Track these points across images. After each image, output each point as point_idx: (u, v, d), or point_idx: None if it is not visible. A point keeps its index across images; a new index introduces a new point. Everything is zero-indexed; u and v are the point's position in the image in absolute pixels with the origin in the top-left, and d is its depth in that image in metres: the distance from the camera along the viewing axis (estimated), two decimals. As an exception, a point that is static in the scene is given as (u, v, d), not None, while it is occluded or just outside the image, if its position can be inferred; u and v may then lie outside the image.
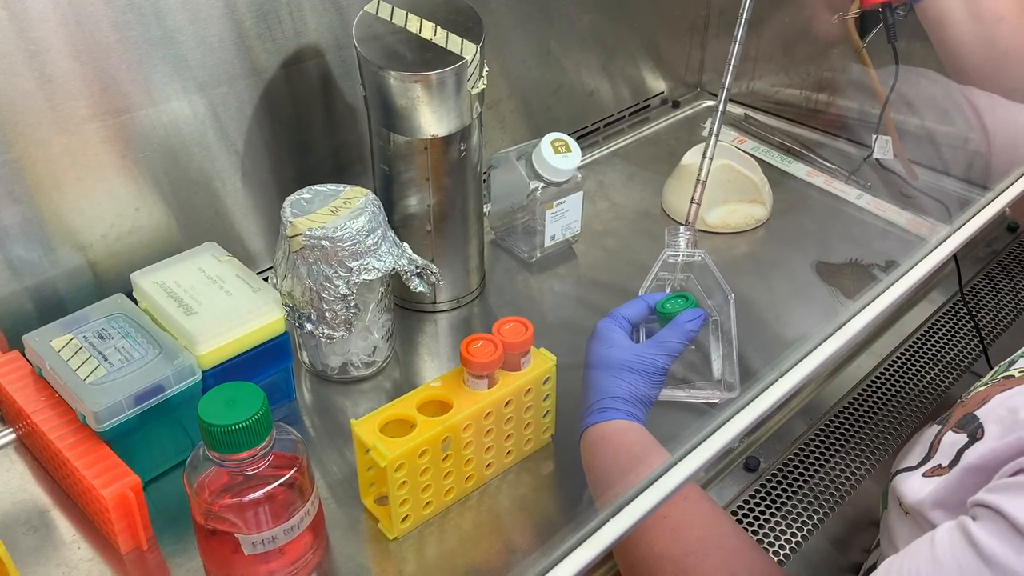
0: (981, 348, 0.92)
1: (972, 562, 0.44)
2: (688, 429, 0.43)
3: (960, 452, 0.54)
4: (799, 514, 0.75)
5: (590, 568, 0.37)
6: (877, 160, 1.01)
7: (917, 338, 0.94)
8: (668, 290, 0.81)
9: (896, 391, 0.88)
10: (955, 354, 0.93)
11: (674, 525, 0.59)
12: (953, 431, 0.56)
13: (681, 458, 0.41)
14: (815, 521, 0.75)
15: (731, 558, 0.58)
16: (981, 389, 0.59)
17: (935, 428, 0.60)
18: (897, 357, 0.91)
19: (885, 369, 0.90)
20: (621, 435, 0.65)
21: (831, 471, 0.79)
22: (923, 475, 0.56)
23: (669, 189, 1.08)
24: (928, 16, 0.82)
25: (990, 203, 0.56)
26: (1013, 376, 0.58)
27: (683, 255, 0.81)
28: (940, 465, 0.55)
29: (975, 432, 0.54)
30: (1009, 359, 0.62)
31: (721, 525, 0.60)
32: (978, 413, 0.55)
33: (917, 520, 0.54)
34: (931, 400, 0.87)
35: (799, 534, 0.74)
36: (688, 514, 0.59)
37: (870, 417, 0.84)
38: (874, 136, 1.00)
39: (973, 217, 0.55)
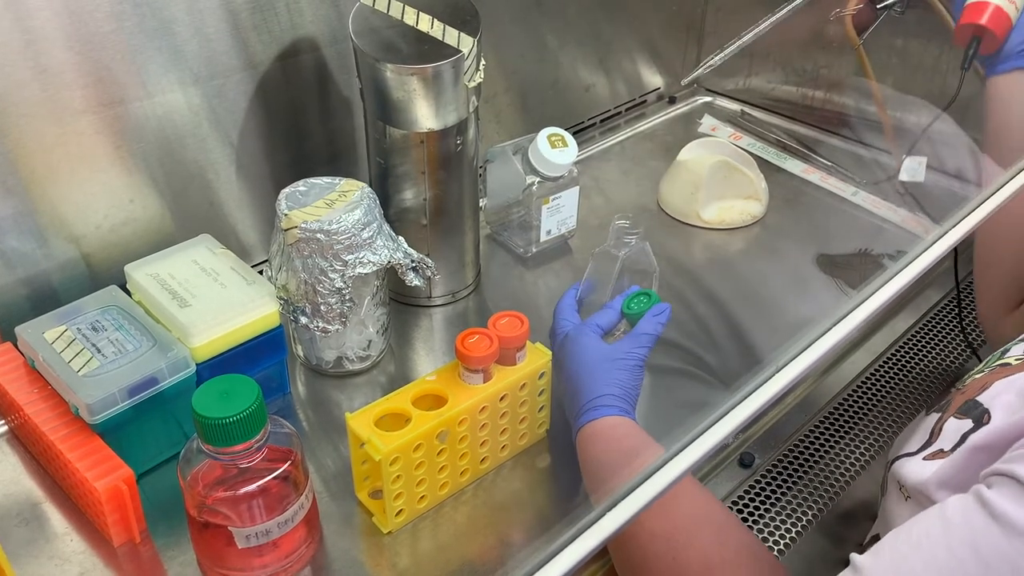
0: (970, 350, 0.92)
1: (984, 523, 0.44)
2: (683, 424, 0.43)
3: (964, 436, 0.54)
4: (793, 510, 0.75)
5: (586, 562, 0.37)
6: (902, 183, 0.98)
7: (912, 335, 0.94)
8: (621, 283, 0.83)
9: (890, 388, 0.88)
10: (949, 351, 0.93)
11: (665, 504, 0.59)
12: (955, 417, 0.56)
13: (676, 453, 0.41)
14: (809, 517, 0.75)
15: (721, 532, 0.59)
16: (978, 377, 0.60)
17: (934, 416, 0.60)
18: (892, 354, 0.91)
19: (880, 366, 0.90)
20: (615, 430, 0.65)
21: (826, 467, 0.79)
22: (923, 459, 0.56)
23: (665, 185, 1.08)
24: (998, 92, 0.80)
25: (987, 200, 0.56)
26: (1010, 364, 0.58)
27: (612, 248, 0.84)
28: (942, 450, 0.55)
29: (980, 417, 0.54)
30: (1003, 348, 0.63)
31: (710, 503, 0.61)
32: (980, 399, 0.56)
33: (920, 501, 0.54)
34: (925, 397, 0.88)
35: (793, 530, 0.74)
36: (679, 494, 0.60)
37: (865, 413, 0.85)
38: (904, 156, 0.98)
39: (970, 214, 0.55)
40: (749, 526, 0.74)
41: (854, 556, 0.48)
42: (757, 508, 0.75)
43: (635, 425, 0.65)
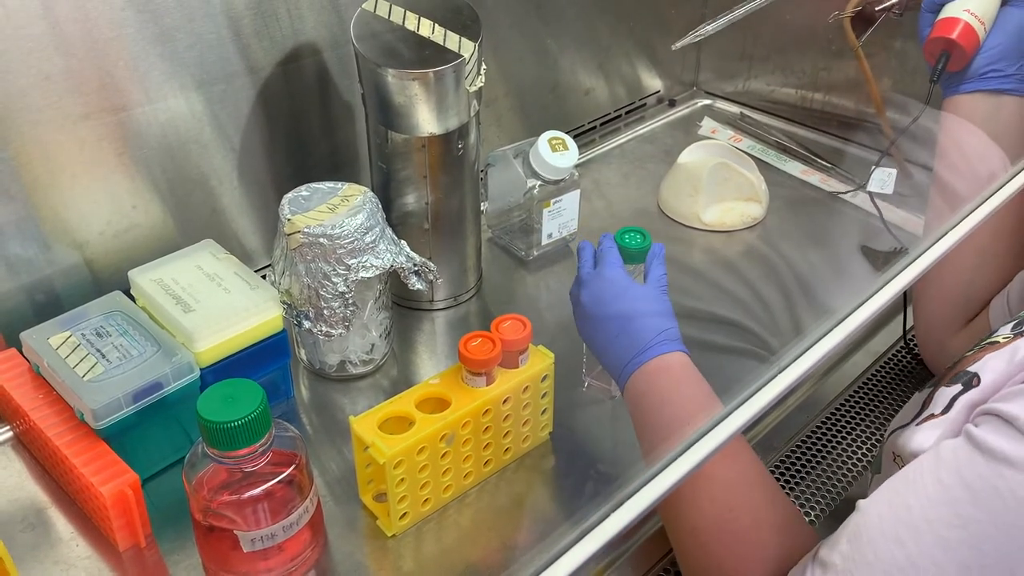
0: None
1: (969, 454, 0.47)
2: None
3: (953, 399, 0.56)
4: (796, 511, 0.75)
5: (589, 563, 0.38)
6: (870, 193, 0.98)
7: (913, 336, 0.94)
8: None
9: (892, 388, 0.88)
10: (950, 352, 0.93)
11: (724, 459, 0.59)
12: (946, 386, 0.58)
13: (679, 455, 0.41)
14: (811, 518, 0.75)
15: (772, 497, 0.59)
16: (969, 355, 0.61)
17: (926, 391, 0.62)
18: (893, 355, 0.92)
19: (881, 367, 0.90)
20: (685, 369, 0.65)
21: (828, 468, 0.79)
22: (916, 425, 0.58)
23: (666, 187, 1.08)
24: (958, 112, 0.79)
25: (985, 201, 0.56)
26: (999, 341, 0.59)
27: None
28: (932, 414, 0.57)
29: (970, 381, 0.56)
30: (992, 330, 0.64)
31: (762, 470, 0.61)
32: (971, 368, 0.57)
33: None
34: (927, 397, 0.88)
35: (796, 531, 0.74)
36: (736, 454, 0.60)
37: (866, 415, 0.85)
38: (872, 168, 0.97)
39: (968, 216, 0.55)
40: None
41: (859, 500, 0.51)
42: (760, 509, 0.75)
43: (694, 368, 0.65)
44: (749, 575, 0.57)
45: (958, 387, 0.57)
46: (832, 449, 0.81)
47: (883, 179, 0.97)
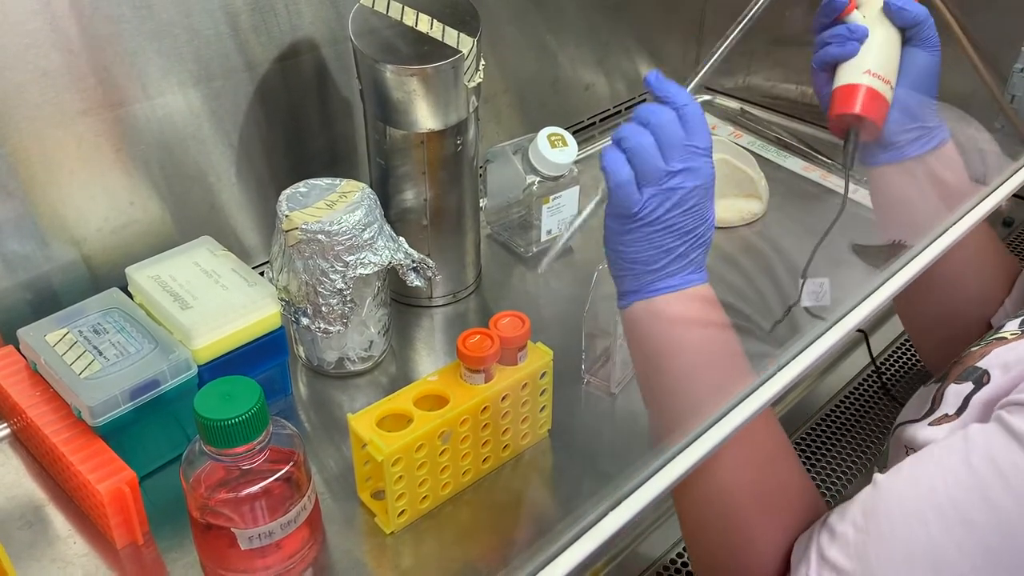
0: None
1: (1005, 441, 0.46)
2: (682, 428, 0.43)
3: (967, 399, 0.55)
4: (795, 508, 0.75)
5: (588, 562, 0.38)
6: (806, 309, 0.85)
7: (908, 337, 0.94)
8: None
9: (890, 387, 0.88)
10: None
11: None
12: (955, 383, 0.57)
13: (678, 453, 0.41)
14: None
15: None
16: (975, 349, 0.60)
17: (933, 386, 0.61)
18: (890, 355, 0.91)
19: (878, 367, 0.90)
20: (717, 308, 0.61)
21: (826, 466, 0.79)
22: (929, 424, 0.57)
23: (665, 184, 1.08)
24: (887, 187, 0.75)
25: (986, 198, 0.56)
26: (1006, 338, 0.59)
27: None
28: (947, 414, 0.56)
29: (980, 378, 0.55)
30: (998, 325, 0.63)
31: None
32: (979, 364, 0.57)
33: None
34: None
35: (795, 528, 0.74)
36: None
37: (864, 413, 0.85)
38: (800, 280, 0.85)
39: (968, 213, 0.55)
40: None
41: (876, 475, 0.50)
42: (759, 506, 0.75)
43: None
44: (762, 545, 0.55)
45: (969, 385, 0.56)
46: (829, 449, 0.81)
47: (815, 291, 0.88)
